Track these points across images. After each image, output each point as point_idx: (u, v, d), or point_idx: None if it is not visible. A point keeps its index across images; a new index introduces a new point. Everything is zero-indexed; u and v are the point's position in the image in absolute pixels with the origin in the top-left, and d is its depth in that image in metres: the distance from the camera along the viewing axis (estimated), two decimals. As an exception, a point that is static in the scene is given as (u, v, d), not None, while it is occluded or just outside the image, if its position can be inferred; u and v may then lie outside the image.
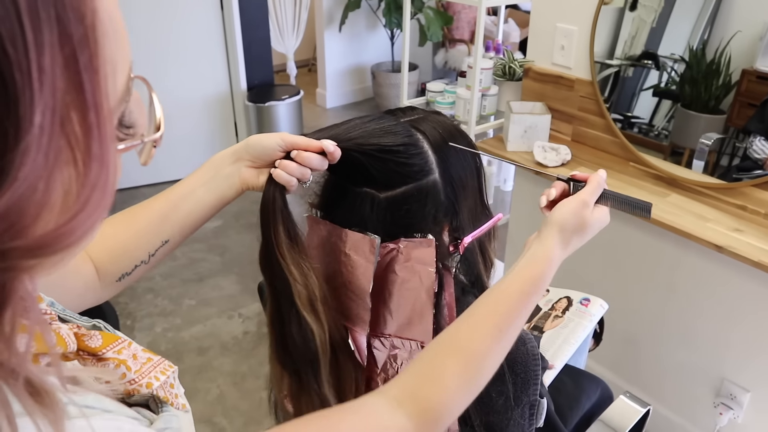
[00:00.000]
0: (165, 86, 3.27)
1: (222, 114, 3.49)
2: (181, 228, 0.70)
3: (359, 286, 0.71)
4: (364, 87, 4.84)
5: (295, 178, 0.66)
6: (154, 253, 0.70)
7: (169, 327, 2.38)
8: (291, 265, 0.65)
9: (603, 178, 0.71)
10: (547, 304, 1.34)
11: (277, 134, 0.68)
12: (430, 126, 0.74)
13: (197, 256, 2.81)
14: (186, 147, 3.45)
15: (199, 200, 0.70)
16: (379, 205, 0.70)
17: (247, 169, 0.69)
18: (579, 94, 1.79)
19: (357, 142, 0.67)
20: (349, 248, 0.71)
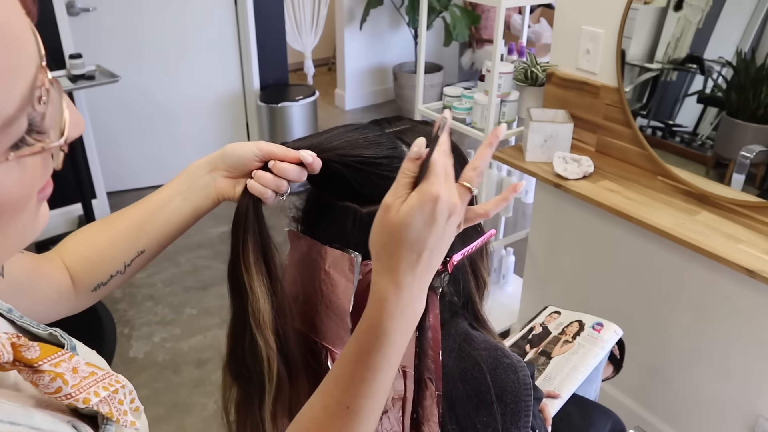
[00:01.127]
0: (174, 84, 3.32)
1: (233, 114, 3.53)
2: (157, 238, 0.71)
3: (339, 305, 0.71)
4: (385, 88, 4.85)
5: (270, 189, 0.66)
6: (130, 264, 0.72)
7: (168, 337, 2.41)
8: (254, 282, 0.65)
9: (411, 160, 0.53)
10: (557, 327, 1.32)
11: (254, 143, 0.68)
12: (417, 137, 0.73)
13: (201, 263, 2.84)
14: (195, 148, 3.50)
15: (175, 210, 0.71)
16: (362, 221, 0.69)
17: (223, 179, 0.70)
18: (604, 101, 1.78)
19: (338, 152, 0.67)
20: (329, 265, 0.71)
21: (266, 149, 0.67)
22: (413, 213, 0.51)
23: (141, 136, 3.37)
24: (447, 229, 0.53)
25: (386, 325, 0.53)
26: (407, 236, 0.52)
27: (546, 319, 1.38)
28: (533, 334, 1.34)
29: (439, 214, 0.52)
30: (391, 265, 0.53)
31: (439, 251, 0.53)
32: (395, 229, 0.52)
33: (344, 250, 0.70)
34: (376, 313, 0.54)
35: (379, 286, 0.54)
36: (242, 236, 0.66)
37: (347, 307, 0.70)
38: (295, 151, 0.66)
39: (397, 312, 0.53)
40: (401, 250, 0.52)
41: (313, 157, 0.65)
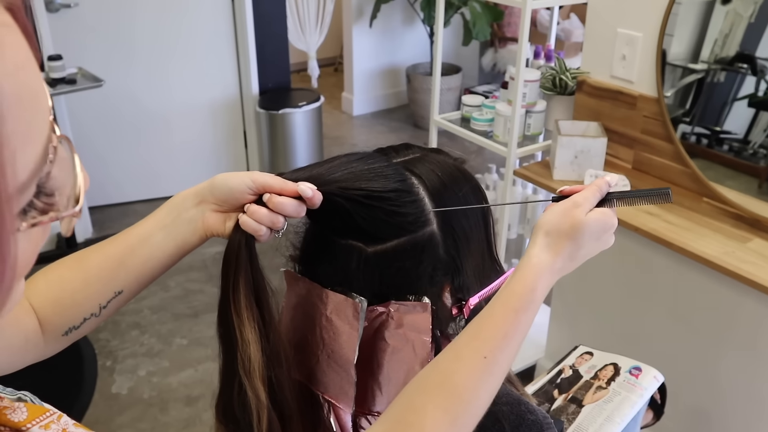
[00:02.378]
0: (164, 88, 3.35)
1: (229, 122, 3.55)
2: (137, 277, 0.71)
3: (343, 355, 0.71)
4: (397, 92, 4.86)
5: (264, 226, 0.66)
6: (106, 305, 0.71)
7: (155, 370, 2.41)
8: (244, 327, 0.65)
9: (607, 182, 0.71)
10: (589, 371, 1.30)
11: (247, 174, 0.68)
12: (428, 168, 0.73)
13: (193, 287, 2.84)
14: (187, 159, 3.52)
15: (157, 246, 0.71)
16: (367, 261, 0.70)
17: (212, 213, 0.70)
18: (642, 113, 1.77)
19: (340, 185, 0.67)
20: (331, 311, 0.71)
21: (261, 181, 0.67)
22: (597, 223, 0.67)
23: (127, 146, 3.39)
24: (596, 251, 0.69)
25: (539, 293, 0.65)
26: (582, 235, 0.66)
27: (577, 360, 1.36)
28: (562, 378, 1.32)
29: (607, 237, 0.69)
30: (558, 247, 0.67)
31: (583, 260, 0.69)
32: (578, 224, 0.66)
33: (348, 294, 0.70)
34: (534, 279, 0.65)
35: (540, 257, 0.67)
36: (233, 277, 0.66)
37: (351, 357, 0.70)
38: (293, 184, 0.66)
39: (546, 286, 0.66)
40: (571, 242, 0.66)
41: (313, 190, 0.66)
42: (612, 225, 0.69)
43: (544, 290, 0.66)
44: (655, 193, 0.71)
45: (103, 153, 3.35)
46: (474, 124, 2.15)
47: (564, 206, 0.68)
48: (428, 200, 0.71)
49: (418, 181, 0.72)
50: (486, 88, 4.52)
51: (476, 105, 2.16)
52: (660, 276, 1.76)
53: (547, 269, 0.66)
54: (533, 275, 0.65)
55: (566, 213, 0.67)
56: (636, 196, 0.71)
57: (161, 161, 3.48)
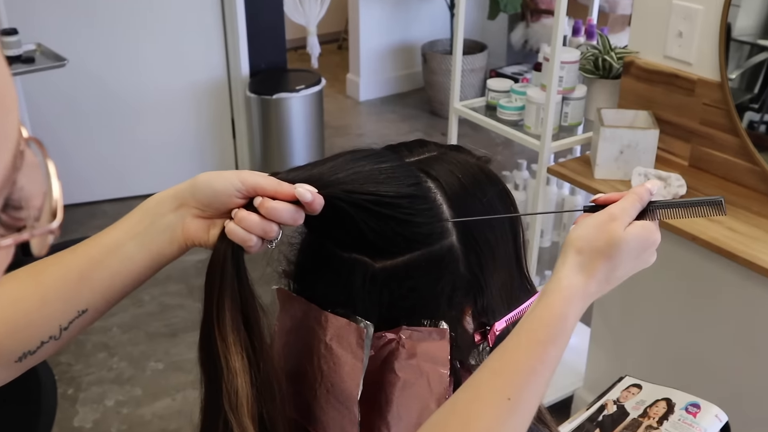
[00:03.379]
0: (137, 69, 3.36)
1: (215, 109, 3.56)
2: (103, 294, 0.71)
3: (344, 390, 0.71)
4: (411, 73, 4.86)
5: (255, 235, 0.66)
6: (67, 327, 0.71)
7: (125, 400, 2.40)
8: (231, 354, 0.65)
9: (648, 190, 0.71)
10: (637, 407, 1.29)
11: (235, 173, 0.68)
12: (446, 169, 0.73)
13: (171, 302, 2.85)
14: (164, 153, 3.52)
15: (128, 257, 0.71)
16: (374, 279, 0.70)
17: (194, 219, 0.70)
18: (702, 100, 1.76)
19: (345, 188, 0.67)
20: (331, 337, 0.71)
21: (251, 182, 0.67)
22: (636, 239, 0.67)
23: (94, 136, 3.40)
24: (635, 270, 0.69)
25: (570, 321, 0.65)
26: (619, 253, 0.66)
27: (622, 394, 1.35)
28: (605, 415, 1.31)
29: (647, 255, 0.69)
30: (591, 267, 0.67)
31: (619, 282, 0.69)
32: (614, 240, 0.66)
33: (351, 317, 0.70)
34: (564, 306, 0.65)
35: (572, 280, 0.66)
36: (217, 295, 0.66)
37: (355, 392, 0.70)
38: (289, 186, 0.66)
39: (578, 313, 0.66)
40: (607, 261, 0.66)
41: (312, 193, 0.66)
42: (654, 241, 0.69)
43: (575, 318, 0.66)
44: (706, 203, 0.71)
45: (65, 144, 3.36)
46: (501, 113, 2.14)
47: (599, 219, 0.68)
48: (446, 208, 0.71)
49: (435, 185, 0.71)
50: (515, 69, 4.56)
51: (504, 90, 2.15)
52: (723, 294, 1.75)
53: (579, 294, 0.66)
54: (563, 301, 0.66)
55: (601, 227, 0.67)
56: (682, 206, 0.71)
57: (134, 155, 3.48)
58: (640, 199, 0.69)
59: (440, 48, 4.52)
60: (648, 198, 0.70)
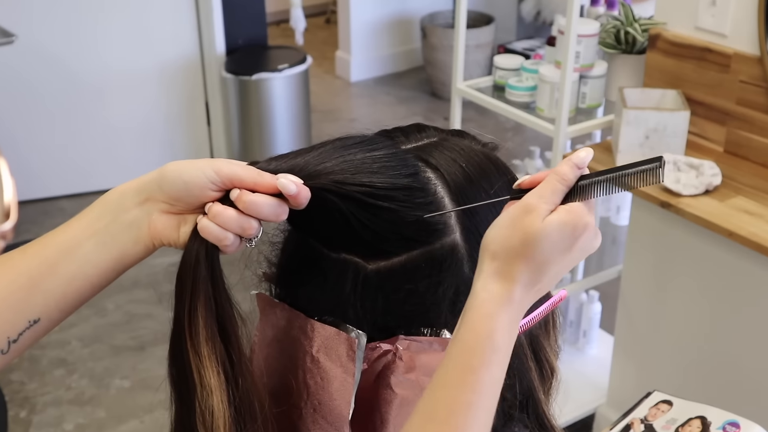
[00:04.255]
0: (98, 47, 3.35)
1: (186, 92, 3.55)
2: (58, 301, 0.70)
3: (333, 408, 0.71)
4: (408, 50, 4.86)
5: (231, 233, 0.66)
6: (17, 339, 0.70)
7: (86, 423, 2.39)
8: (205, 369, 0.65)
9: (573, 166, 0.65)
10: (667, 426, 1.29)
11: (208, 162, 0.68)
12: (447, 157, 0.73)
13: (138, 311, 2.84)
14: (129, 142, 3.51)
15: (86, 259, 0.70)
16: (366, 282, 0.70)
17: (161, 215, 0.70)
18: (739, 77, 1.76)
19: (334, 179, 0.67)
20: (318, 349, 0.71)
21: (227, 172, 0.67)
22: (558, 229, 0.63)
23: (49, 124, 3.39)
24: (573, 263, 0.67)
25: (499, 336, 0.63)
26: (541, 250, 0.63)
27: (650, 411, 1.35)
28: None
29: (582, 243, 0.65)
30: (511, 272, 0.64)
31: (555, 280, 0.67)
32: (532, 236, 0.63)
33: (341, 326, 0.70)
34: (487, 321, 0.63)
35: (489, 290, 0.64)
36: (189, 301, 0.66)
37: (345, 411, 0.70)
38: (270, 176, 0.66)
39: (507, 326, 0.64)
40: (528, 261, 0.63)
41: (297, 185, 0.66)
42: (585, 225, 0.64)
43: (506, 331, 0.64)
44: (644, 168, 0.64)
45: (15, 133, 3.35)
46: (510, 94, 2.13)
47: (512, 213, 0.64)
48: (448, 201, 0.71)
49: (435, 175, 0.71)
50: (526, 44, 4.55)
51: (513, 68, 2.14)
52: (764, 298, 1.74)
53: (502, 303, 0.63)
54: (485, 317, 0.63)
55: (515, 224, 0.64)
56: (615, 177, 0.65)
57: (95, 145, 3.48)
58: (562, 179, 0.64)
59: (441, 21, 4.51)
60: (573, 175, 0.65)
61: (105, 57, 3.37)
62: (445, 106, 4.41)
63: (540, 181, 0.66)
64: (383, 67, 4.83)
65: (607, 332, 2.53)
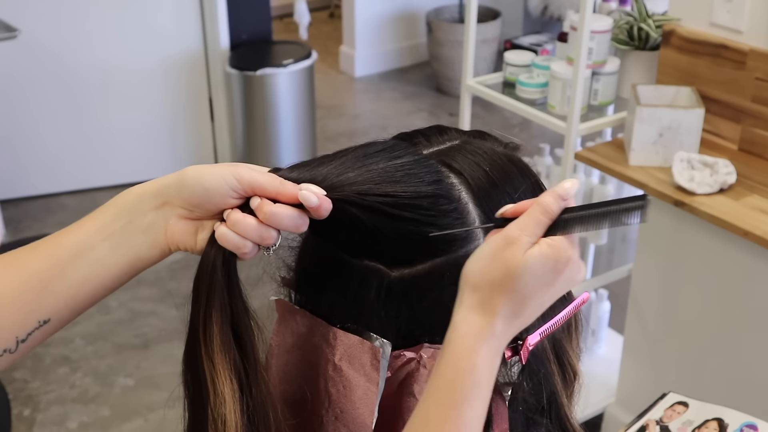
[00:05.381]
0: (99, 42, 3.34)
1: (189, 88, 3.54)
2: (69, 302, 0.70)
3: (356, 417, 0.71)
4: (414, 45, 4.85)
5: (251, 242, 0.66)
6: (26, 339, 0.70)
7: (90, 421, 2.39)
8: (219, 377, 0.66)
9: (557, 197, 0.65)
10: (683, 428, 1.28)
11: (229, 168, 0.67)
12: (471, 161, 0.73)
13: (142, 308, 2.83)
14: (133, 138, 3.51)
15: (100, 262, 0.70)
16: (390, 290, 0.70)
17: (179, 220, 0.70)
18: (755, 74, 1.76)
19: (356, 189, 0.68)
20: (341, 357, 0.71)
21: (248, 180, 0.66)
22: (541, 263, 0.63)
23: (51, 120, 3.38)
24: (556, 296, 0.66)
25: (481, 371, 0.63)
26: (523, 284, 0.63)
27: (666, 413, 1.34)
28: (646, 438, 1.30)
29: (566, 276, 0.65)
30: (492, 305, 0.63)
31: (538, 313, 0.67)
32: (513, 270, 0.63)
33: (364, 334, 0.70)
34: (467, 355, 0.63)
35: (469, 323, 0.64)
36: (205, 308, 0.66)
37: (369, 420, 0.70)
38: (293, 186, 0.66)
39: (489, 360, 0.64)
40: (510, 294, 0.63)
41: (319, 197, 0.66)
42: (567, 259, 0.64)
43: (487, 364, 0.63)
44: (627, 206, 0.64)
45: (18, 130, 3.35)
46: (521, 91, 2.13)
47: (494, 245, 0.64)
48: (473, 207, 0.71)
49: (459, 180, 0.71)
50: (533, 39, 4.54)
51: (524, 64, 2.14)
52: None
53: (483, 336, 0.63)
54: (466, 351, 0.63)
55: (496, 256, 0.63)
56: (598, 214, 0.65)
57: (97, 141, 3.47)
58: (546, 211, 0.65)
59: (447, 16, 4.51)
60: (556, 207, 0.65)
61: (107, 52, 3.36)
62: (451, 101, 4.41)
63: (523, 210, 0.66)
64: (388, 62, 4.82)
65: (615, 331, 2.53)
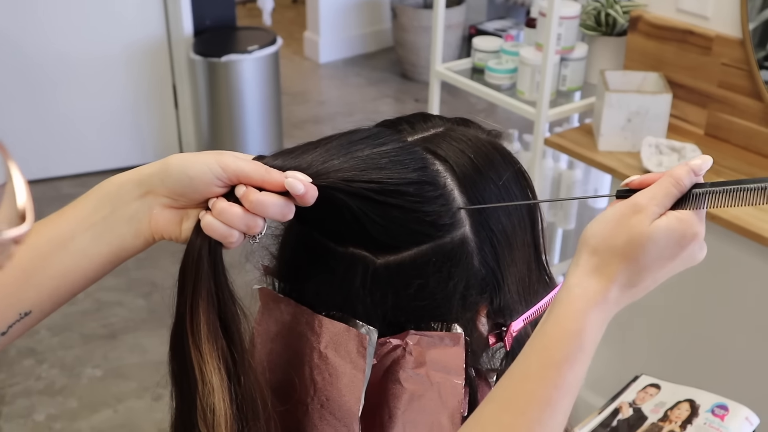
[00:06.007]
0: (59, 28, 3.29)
1: (152, 75, 3.51)
2: (50, 294, 0.69)
3: (342, 405, 0.71)
4: (378, 30, 4.84)
5: (237, 230, 0.66)
6: (6, 331, 0.69)
7: (57, 413, 2.37)
8: (207, 366, 0.65)
9: (689, 171, 0.65)
10: (656, 410, 1.30)
11: (214, 156, 0.67)
12: (455, 148, 0.73)
13: (108, 298, 2.81)
14: (94, 127, 3.47)
15: (82, 252, 0.69)
16: (375, 277, 0.70)
17: (163, 209, 0.69)
18: (721, 60, 1.77)
19: (342, 176, 0.67)
20: (326, 345, 0.71)
21: (233, 168, 0.66)
22: (666, 235, 0.63)
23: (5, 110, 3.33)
24: (674, 272, 0.66)
25: (588, 336, 0.63)
26: (645, 253, 0.63)
27: (638, 395, 1.36)
28: (619, 420, 1.32)
29: (689, 253, 0.64)
30: (610, 271, 0.63)
31: (652, 287, 0.66)
32: (638, 237, 0.62)
33: (350, 322, 0.70)
34: (578, 318, 0.63)
35: (585, 286, 0.64)
36: (191, 297, 0.66)
37: (355, 408, 0.70)
38: (278, 174, 0.66)
39: (598, 326, 0.64)
40: (629, 262, 0.63)
41: (305, 185, 0.65)
42: (694, 235, 0.64)
43: (595, 331, 0.64)
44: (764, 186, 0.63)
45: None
46: (490, 77, 2.14)
47: (620, 211, 0.64)
48: (458, 193, 0.71)
49: (444, 167, 0.71)
50: (498, 25, 4.54)
51: (493, 50, 2.15)
52: (749, 280, 1.77)
53: (595, 302, 0.63)
54: (576, 313, 0.63)
55: (621, 222, 0.64)
56: (735, 190, 0.64)
57: (56, 131, 3.42)
58: (677, 183, 0.64)
59: (412, 1, 4.50)
60: (689, 181, 0.65)
61: (68, 39, 3.31)
62: (416, 87, 4.41)
63: (650, 183, 0.66)
64: (353, 48, 4.81)
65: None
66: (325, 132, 0.73)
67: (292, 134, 3.78)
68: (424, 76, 4.20)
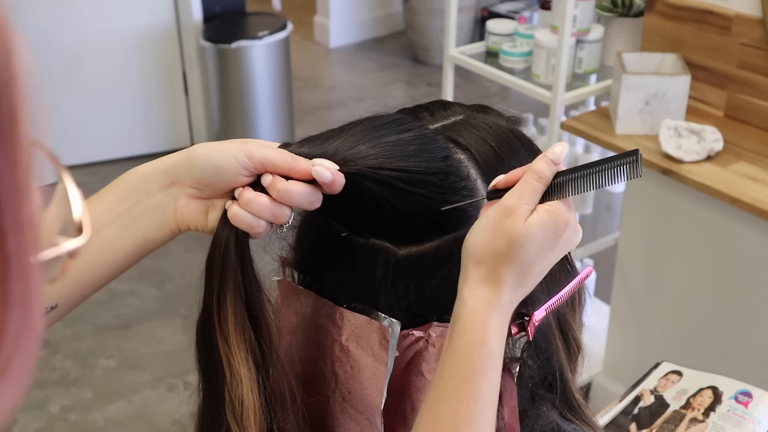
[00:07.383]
0: (68, 15, 3.29)
1: (162, 61, 3.51)
2: (75, 287, 0.70)
3: (364, 398, 0.71)
4: (389, 14, 4.83)
5: (264, 220, 0.66)
6: None
7: (72, 404, 2.38)
8: (235, 358, 0.66)
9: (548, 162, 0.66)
10: (678, 397, 1.30)
11: (239, 145, 0.67)
12: (477, 136, 0.73)
13: (121, 288, 2.82)
14: (103, 115, 3.48)
15: (108, 245, 0.69)
16: (398, 269, 0.70)
17: (189, 200, 0.69)
18: (740, 40, 1.76)
19: (369, 163, 0.67)
20: (348, 337, 0.71)
21: (259, 157, 0.66)
22: (543, 229, 0.64)
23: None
24: (555, 260, 0.68)
25: (492, 342, 0.64)
26: (526, 251, 0.64)
27: (660, 382, 1.36)
28: (641, 407, 1.32)
29: (565, 241, 0.66)
30: (498, 276, 0.65)
31: (539, 279, 0.68)
32: (517, 238, 0.64)
33: (372, 314, 0.70)
34: (479, 328, 0.64)
35: (477, 296, 0.65)
36: (218, 288, 0.66)
37: (377, 401, 0.71)
38: (305, 162, 0.66)
39: (499, 330, 0.65)
40: (514, 264, 0.65)
41: (332, 172, 0.65)
42: (566, 223, 0.66)
43: (498, 335, 0.65)
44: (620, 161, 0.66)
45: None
46: (504, 60, 2.13)
47: (494, 217, 0.65)
48: (481, 183, 0.71)
49: (466, 156, 0.71)
50: (510, 7, 4.53)
51: (507, 33, 2.14)
52: (767, 264, 1.76)
53: (493, 307, 0.65)
54: (476, 324, 0.64)
55: (498, 227, 0.64)
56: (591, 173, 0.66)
57: (67, 117, 3.43)
58: (540, 177, 0.65)
59: (423, -16, 4.48)
60: (550, 172, 0.66)
61: (77, 25, 3.32)
62: (428, 71, 4.39)
63: (515, 180, 0.66)
64: (363, 32, 4.79)
65: (603, 302, 2.54)
66: (337, 117, 0.72)
67: (304, 120, 3.77)
68: (437, 60, 4.18)
